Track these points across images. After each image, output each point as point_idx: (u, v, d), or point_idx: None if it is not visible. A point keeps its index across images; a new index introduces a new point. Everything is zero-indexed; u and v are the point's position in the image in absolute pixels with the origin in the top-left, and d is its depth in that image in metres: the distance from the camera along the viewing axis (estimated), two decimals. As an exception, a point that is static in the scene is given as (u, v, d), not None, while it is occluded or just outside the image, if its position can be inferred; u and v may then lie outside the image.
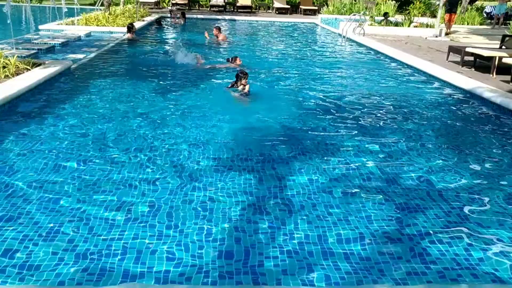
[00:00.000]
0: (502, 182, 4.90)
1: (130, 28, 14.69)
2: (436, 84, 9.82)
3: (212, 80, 9.42)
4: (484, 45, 13.95)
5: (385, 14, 20.78)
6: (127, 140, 5.69)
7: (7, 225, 3.65)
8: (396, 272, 3.26)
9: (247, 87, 7.97)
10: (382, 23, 20.11)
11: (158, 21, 19.42)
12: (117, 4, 23.04)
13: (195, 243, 3.51)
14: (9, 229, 3.59)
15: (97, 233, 3.60)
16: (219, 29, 15.49)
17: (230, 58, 10.57)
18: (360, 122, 6.86)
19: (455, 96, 8.85)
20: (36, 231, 3.58)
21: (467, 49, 11.02)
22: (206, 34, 15.43)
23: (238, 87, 8.05)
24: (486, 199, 4.48)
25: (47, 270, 3.12)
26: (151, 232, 3.65)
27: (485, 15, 26.28)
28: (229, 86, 8.28)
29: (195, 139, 5.86)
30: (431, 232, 3.82)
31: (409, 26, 19.55)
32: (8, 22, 9.82)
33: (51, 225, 3.67)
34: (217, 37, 15.19)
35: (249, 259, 3.35)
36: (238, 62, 10.36)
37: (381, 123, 6.86)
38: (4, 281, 3.00)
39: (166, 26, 19.86)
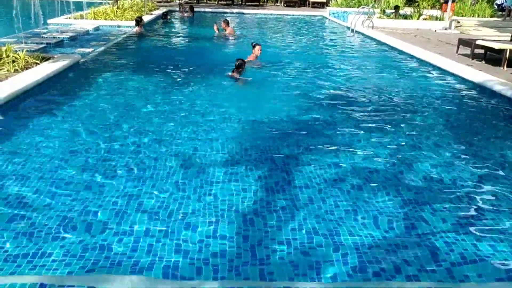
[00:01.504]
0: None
1: (139, 21, 14.67)
2: (446, 77, 9.73)
3: (220, 72, 9.39)
4: (495, 37, 13.78)
5: (396, 8, 20.60)
6: (136, 133, 5.71)
7: (17, 217, 3.68)
8: (405, 268, 3.24)
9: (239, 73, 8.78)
10: (391, 16, 19.95)
11: (164, 15, 19.36)
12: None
13: (202, 237, 3.52)
14: (18, 220, 3.63)
15: (107, 225, 3.62)
16: (227, 22, 15.45)
17: (253, 44, 10.28)
18: (368, 115, 6.82)
19: (465, 89, 8.77)
20: (46, 223, 3.61)
21: (478, 42, 10.90)
22: (216, 28, 15.40)
23: (237, 73, 8.68)
24: (497, 194, 4.44)
25: (57, 261, 3.15)
26: (161, 225, 3.67)
27: (496, 7, 25.93)
28: (230, 73, 8.72)
29: (203, 132, 5.86)
30: (441, 226, 3.80)
31: (418, 18, 19.37)
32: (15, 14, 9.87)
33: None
34: (225, 30, 15.16)
35: (257, 253, 3.35)
36: (256, 51, 10.05)
37: (389, 116, 6.81)
38: (14, 271, 3.03)
39: (173, 20, 19.84)
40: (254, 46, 10.16)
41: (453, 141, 5.90)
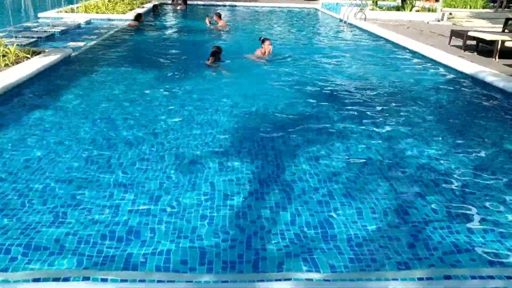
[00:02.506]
0: (503, 166, 4.90)
1: (138, 17, 14.84)
2: (438, 69, 9.76)
3: (213, 67, 9.38)
4: (487, 29, 13.82)
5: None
6: (128, 127, 5.69)
7: (11, 212, 3.67)
8: (398, 257, 3.27)
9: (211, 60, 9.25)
10: (384, 7, 19.94)
11: (155, 7, 19.20)
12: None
13: (196, 229, 3.53)
14: (11, 216, 3.62)
15: (100, 219, 3.62)
16: (219, 15, 15.47)
17: (262, 39, 10.03)
18: (361, 107, 6.84)
19: (457, 81, 8.80)
20: (38, 217, 3.61)
21: (469, 33, 10.92)
22: (208, 21, 15.42)
23: (211, 61, 9.15)
24: (488, 184, 4.47)
25: (50, 256, 3.15)
26: (153, 219, 3.67)
27: (488, -2, 25.95)
28: (208, 61, 9.18)
29: (195, 124, 5.85)
30: (433, 216, 3.83)
31: (410, 10, 19.37)
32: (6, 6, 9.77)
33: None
34: (217, 23, 15.16)
35: (251, 245, 3.36)
36: (266, 47, 9.71)
37: (382, 108, 6.83)
38: (7, 267, 3.03)
39: (166, 13, 19.71)
40: (262, 41, 9.75)
41: (446, 132, 5.93)
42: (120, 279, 2.94)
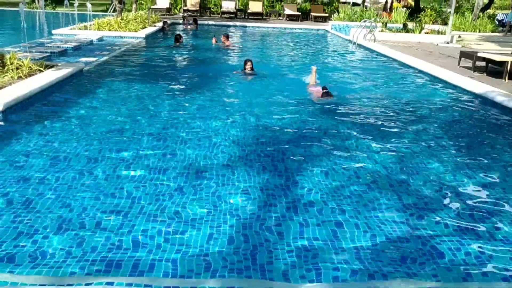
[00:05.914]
0: (514, 184, 4.86)
1: (179, 38, 15.41)
2: (448, 89, 9.75)
3: (219, 83, 9.46)
4: (496, 51, 13.84)
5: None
6: (137, 140, 5.72)
7: (18, 219, 3.68)
8: (406, 271, 3.22)
9: (250, 69, 10.16)
10: (394, 29, 20.12)
11: (164, 25, 19.62)
12: (129, 10, 23.30)
13: (204, 238, 3.51)
14: (20, 221, 3.63)
15: (107, 226, 3.62)
16: (227, 36, 16.09)
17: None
18: (371, 125, 6.83)
19: (467, 101, 8.78)
20: (47, 224, 3.61)
21: (479, 54, 10.94)
22: (214, 41, 15.90)
23: (244, 70, 10.09)
24: (497, 201, 4.42)
25: (58, 261, 3.14)
26: (160, 227, 3.66)
27: (497, 22, 26.09)
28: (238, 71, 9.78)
29: (203, 137, 5.87)
30: (442, 231, 3.78)
31: (420, 32, 19.49)
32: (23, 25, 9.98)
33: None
34: (224, 43, 15.62)
35: (258, 255, 3.34)
36: (312, 78, 9.27)
37: (392, 127, 6.81)
38: (12, 270, 3.02)
39: (177, 32, 20.00)
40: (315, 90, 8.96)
41: (455, 150, 5.90)
42: (125, 283, 2.93)
